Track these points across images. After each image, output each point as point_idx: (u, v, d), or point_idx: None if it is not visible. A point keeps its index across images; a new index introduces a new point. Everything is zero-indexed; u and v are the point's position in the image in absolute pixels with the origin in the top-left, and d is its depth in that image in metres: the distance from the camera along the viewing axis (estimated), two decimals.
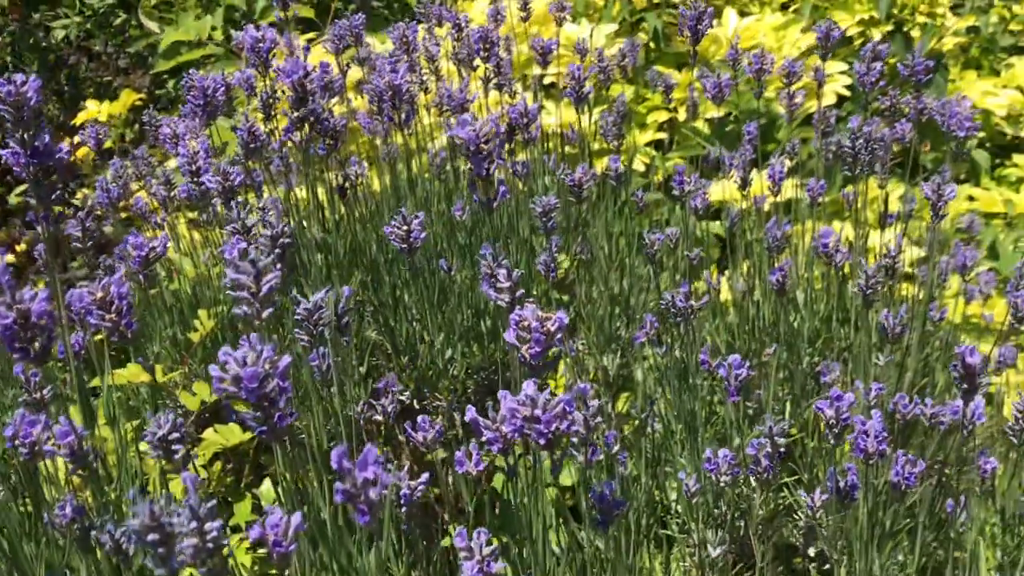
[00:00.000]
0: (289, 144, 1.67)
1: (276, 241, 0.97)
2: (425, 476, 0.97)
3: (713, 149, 2.26)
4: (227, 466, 1.98)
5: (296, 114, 1.00)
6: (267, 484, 1.78)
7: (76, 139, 2.53)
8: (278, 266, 0.98)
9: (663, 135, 2.91)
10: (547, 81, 2.86)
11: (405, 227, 1.09)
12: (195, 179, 1.52)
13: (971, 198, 2.99)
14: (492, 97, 2.05)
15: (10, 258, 2.74)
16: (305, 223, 2.06)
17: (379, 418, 1.10)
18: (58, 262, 2.50)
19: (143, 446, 0.91)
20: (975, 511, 1.48)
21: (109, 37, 4.15)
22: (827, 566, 1.62)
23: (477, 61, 1.68)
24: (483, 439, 0.92)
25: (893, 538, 1.50)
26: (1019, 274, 1.69)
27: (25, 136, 1.01)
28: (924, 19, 3.12)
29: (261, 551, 1.66)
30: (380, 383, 1.11)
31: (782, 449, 1.09)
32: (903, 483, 1.10)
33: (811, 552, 1.65)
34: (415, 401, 1.91)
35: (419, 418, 1.11)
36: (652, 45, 3.15)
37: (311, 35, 3.44)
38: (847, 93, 2.89)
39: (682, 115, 2.64)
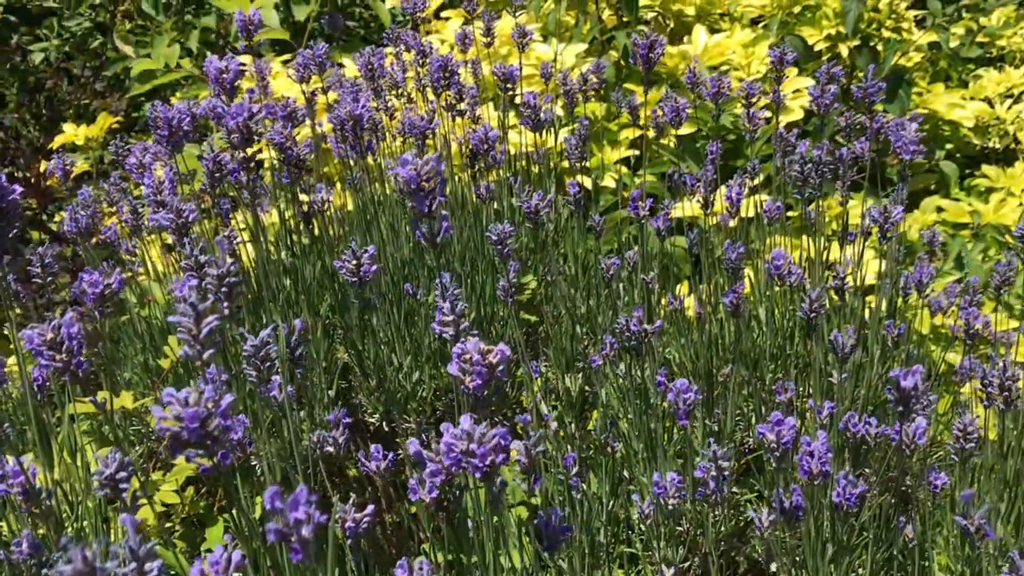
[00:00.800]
0: (265, 170, 1.70)
1: (223, 280, 0.99)
2: (370, 508, 0.99)
3: (680, 167, 2.29)
4: (201, 490, 2.00)
5: (242, 155, 1.03)
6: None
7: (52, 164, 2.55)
8: (224, 304, 1.00)
9: (634, 152, 2.95)
10: (519, 100, 2.89)
11: (355, 261, 1.11)
12: (160, 209, 1.54)
13: (939, 209, 3.04)
14: (458, 122, 2.08)
15: None
16: (273, 248, 2.08)
17: (330, 449, 1.13)
18: (31, 288, 2.51)
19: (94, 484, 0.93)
20: (928, 524, 1.51)
21: (86, 60, 4.17)
22: None
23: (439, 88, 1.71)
24: (426, 471, 0.95)
25: (850, 552, 1.53)
26: (972, 290, 1.73)
27: None
28: (890, 34, 3.16)
29: None
30: (331, 415, 1.14)
31: (726, 474, 1.11)
32: (845, 504, 1.12)
33: (773, 568, 1.67)
34: (384, 423, 1.94)
35: (372, 447, 1.13)
36: (623, 63, 3.18)
37: (286, 56, 3.46)
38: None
39: (652, 133, 2.67)
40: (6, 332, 2.01)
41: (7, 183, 1.09)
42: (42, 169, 3.15)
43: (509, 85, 1.90)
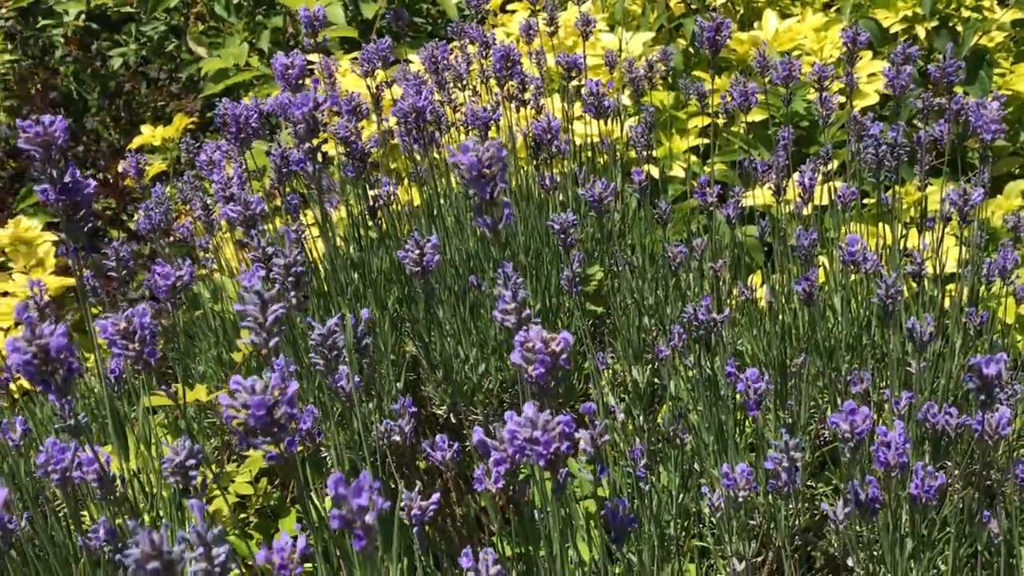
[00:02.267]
0: (330, 166, 1.71)
1: (290, 269, 1.00)
2: (435, 497, 0.99)
3: (751, 155, 2.24)
4: (274, 481, 2.03)
5: (307, 145, 1.03)
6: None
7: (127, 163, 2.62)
8: (291, 293, 1.01)
9: (704, 140, 2.90)
10: (584, 91, 2.87)
11: (418, 251, 1.11)
12: (229, 203, 1.57)
13: None
14: (522, 113, 2.07)
15: (70, 281, 2.84)
16: (341, 243, 2.10)
17: (397, 438, 1.13)
18: (112, 286, 2.58)
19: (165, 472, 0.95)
20: (1016, 519, 1.45)
21: (163, 63, 4.27)
22: None
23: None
24: (491, 460, 0.94)
25: (931, 548, 1.48)
26: None
27: (54, 173, 1.06)
28: (970, 13, 3.05)
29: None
30: (396, 404, 1.14)
31: (798, 465, 1.08)
32: (923, 496, 1.08)
33: (849, 563, 1.63)
34: (451, 415, 1.94)
35: (437, 437, 1.13)
36: (691, 51, 3.13)
37: (355, 54, 3.50)
38: (890, 92, 2.84)
39: (722, 121, 2.63)
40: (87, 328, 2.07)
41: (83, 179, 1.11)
42: (120, 169, 3.24)
43: (573, 74, 1.88)
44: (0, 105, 4.14)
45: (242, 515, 1.92)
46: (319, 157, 1.05)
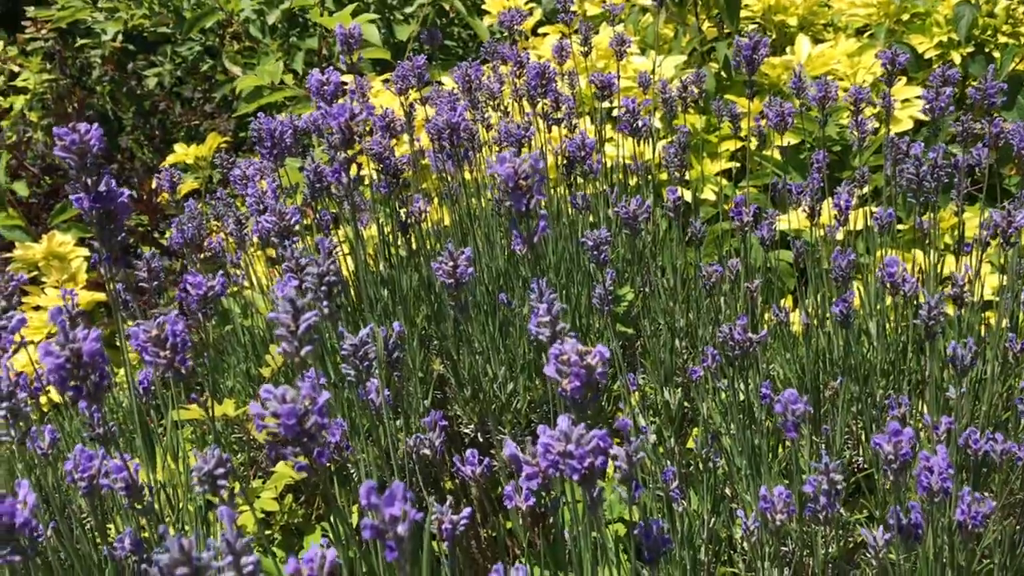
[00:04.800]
0: (364, 181, 1.71)
1: (323, 279, 0.99)
2: (467, 511, 0.98)
3: (784, 178, 2.22)
4: (299, 498, 2.02)
5: (343, 155, 1.03)
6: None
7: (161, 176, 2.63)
8: (324, 303, 1.00)
9: (735, 164, 2.88)
10: (615, 113, 2.86)
11: (451, 263, 1.10)
12: (264, 215, 1.57)
13: None
14: (554, 132, 2.06)
15: (101, 296, 2.86)
16: (371, 260, 2.10)
17: (427, 452, 1.11)
18: (143, 298, 2.59)
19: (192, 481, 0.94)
20: None
21: (197, 83, 4.32)
22: None
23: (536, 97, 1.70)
24: (522, 475, 0.92)
25: None
26: None
27: (88, 181, 1.06)
28: (1007, 39, 3.02)
29: None
30: (427, 418, 1.13)
31: (839, 487, 1.05)
32: (970, 522, 1.05)
33: None
34: (479, 434, 1.92)
35: (468, 453, 1.12)
36: (723, 74, 3.12)
37: (387, 75, 3.51)
38: (925, 118, 2.82)
39: (754, 144, 2.61)
40: (117, 343, 2.08)
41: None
42: (153, 185, 3.26)
43: (606, 94, 1.88)
44: (37, 124, 4.20)
45: (267, 531, 1.91)
46: (353, 168, 1.05)
